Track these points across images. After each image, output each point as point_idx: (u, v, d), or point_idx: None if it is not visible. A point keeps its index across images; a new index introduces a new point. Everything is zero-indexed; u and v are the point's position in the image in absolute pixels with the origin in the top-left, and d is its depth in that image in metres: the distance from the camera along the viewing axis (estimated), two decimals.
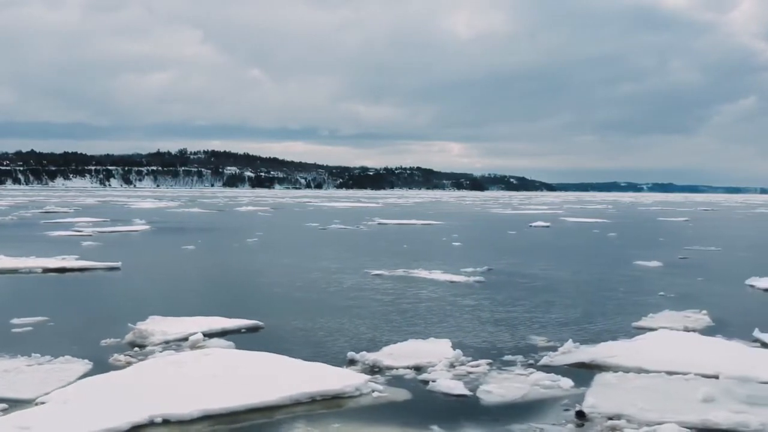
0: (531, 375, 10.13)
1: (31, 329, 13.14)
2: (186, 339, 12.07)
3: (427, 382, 9.95)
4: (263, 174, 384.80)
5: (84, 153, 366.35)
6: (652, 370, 10.29)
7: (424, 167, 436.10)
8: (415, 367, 10.56)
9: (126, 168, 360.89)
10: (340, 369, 10.33)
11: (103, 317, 14.54)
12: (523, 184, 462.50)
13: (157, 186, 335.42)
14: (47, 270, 21.61)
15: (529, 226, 51.71)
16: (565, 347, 11.66)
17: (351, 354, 11.09)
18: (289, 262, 25.45)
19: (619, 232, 46.07)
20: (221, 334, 12.80)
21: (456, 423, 8.34)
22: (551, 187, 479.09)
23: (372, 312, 15.34)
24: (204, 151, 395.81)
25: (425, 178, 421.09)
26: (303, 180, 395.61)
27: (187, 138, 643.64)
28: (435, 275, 21.10)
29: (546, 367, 10.67)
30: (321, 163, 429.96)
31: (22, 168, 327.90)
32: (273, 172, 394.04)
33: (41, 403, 8.59)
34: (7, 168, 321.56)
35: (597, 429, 8.16)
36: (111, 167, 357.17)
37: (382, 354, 11.14)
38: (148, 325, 12.60)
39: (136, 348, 11.65)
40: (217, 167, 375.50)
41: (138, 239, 37.32)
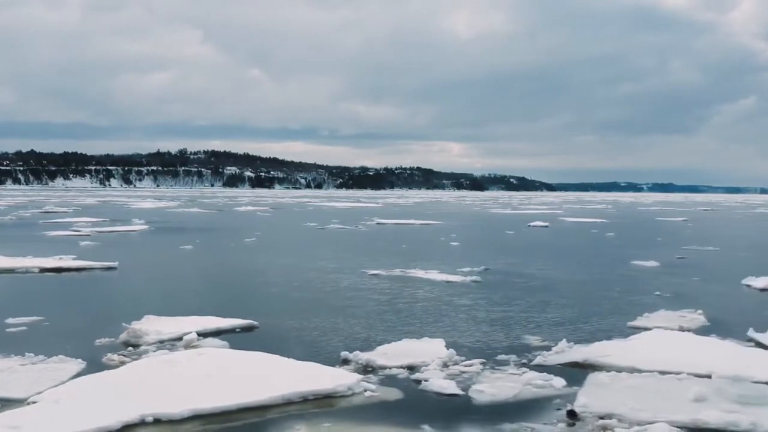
0: (524, 374, 10.12)
1: (26, 329, 13.16)
2: (180, 338, 12.08)
3: (420, 381, 9.95)
4: (263, 174, 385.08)
5: (84, 153, 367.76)
6: (645, 369, 10.29)
7: (424, 167, 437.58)
8: (409, 367, 10.56)
9: (126, 168, 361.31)
10: (333, 368, 10.32)
11: (99, 317, 14.54)
12: (523, 184, 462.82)
13: (157, 186, 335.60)
14: (44, 270, 21.60)
15: (528, 226, 51.72)
16: (559, 347, 11.66)
17: (344, 353, 11.09)
18: (287, 261, 25.46)
19: (618, 232, 46.07)
20: (216, 333, 12.81)
21: (447, 422, 8.34)
22: (551, 187, 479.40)
23: (367, 312, 15.35)
24: (204, 151, 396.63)
25: (425, 178, 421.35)
26: (303, 180, 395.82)
27: (187, 138, 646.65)
28: (432, 275, 21.11)
29: (539, 367, 10.66)
30: (321, 163, 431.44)
31: (22, 168, 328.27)
32: (273, 172, 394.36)
33: (33, 403, 8.60)
34: (7, 168, 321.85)
35: (588, 428, 8.17)
36: (111, 167, 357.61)
37: (375, 353, 11.13)
38: (142, 325, 12.60)
39: (130, 347, 11.65)
40: (217, 167, 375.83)
41: (136, 239, 37.33)
